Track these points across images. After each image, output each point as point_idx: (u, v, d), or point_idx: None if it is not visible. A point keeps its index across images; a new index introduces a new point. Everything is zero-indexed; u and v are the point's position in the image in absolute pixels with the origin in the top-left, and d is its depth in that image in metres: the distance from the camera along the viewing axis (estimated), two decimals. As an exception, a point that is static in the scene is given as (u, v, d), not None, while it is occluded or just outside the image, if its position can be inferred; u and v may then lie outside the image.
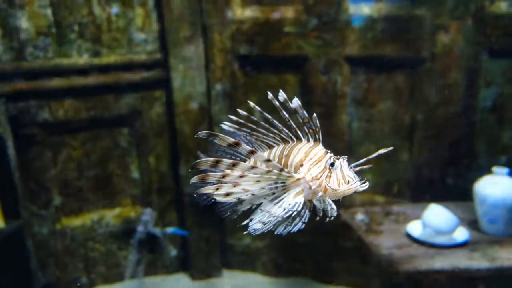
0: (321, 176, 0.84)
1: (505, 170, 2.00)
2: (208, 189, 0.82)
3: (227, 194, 0.83)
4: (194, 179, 0.82)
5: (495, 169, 2.02)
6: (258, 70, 2.72)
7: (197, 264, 2.92)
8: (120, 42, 2.58)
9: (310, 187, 0.85)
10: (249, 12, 2.62)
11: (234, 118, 0.92)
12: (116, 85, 2.63)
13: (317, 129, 0.88)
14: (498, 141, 2.59)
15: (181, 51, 2.64)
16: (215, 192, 0.83)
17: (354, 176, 0.85)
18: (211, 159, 0.82)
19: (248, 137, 0.95)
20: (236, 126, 0.92)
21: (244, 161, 0.93)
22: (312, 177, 0.85)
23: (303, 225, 0.84)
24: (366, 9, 2.47)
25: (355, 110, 2.64)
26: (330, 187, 0.84)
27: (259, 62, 2.70)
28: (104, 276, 2.83)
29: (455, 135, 2.55)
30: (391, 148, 0.89)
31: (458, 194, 2.48)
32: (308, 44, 2.56)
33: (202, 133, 0.81)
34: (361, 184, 0.84)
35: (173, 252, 2.66)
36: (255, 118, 0.92)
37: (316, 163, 0.86)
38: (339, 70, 2.57)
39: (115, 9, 2.51)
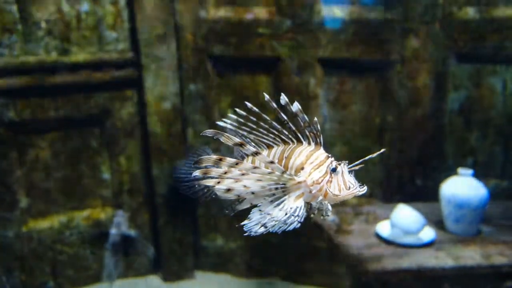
0: (322, 180, 0.85)
1: (470, 171, 2.05)
2: (209, 182, 0.82)
3: (228, 190, 0.83)
4: (197, 173, 0.82)
5: (460, 170, 2.07)
6: (232, 71, 2.72)
7: (169, 266, 2.89)
8: (90, 40, 2.52)
9: (311, 191, 0.86)
10: (222, 12, 2.61)
11: (233, 116, 0.91)
12: (86, 84, 2.57)
13: (318, 133, 0.88)
14: (465, 143, 2.67)
15: (153, 50, 2.60)
16: (216, 186, 0.83)
17: (355, 182, 0.86)
18: (215, 156, 0.82)
19: (245, 135, 0.95)
20: (235, 124, 0.91)
21: (243, 158, 0.94)
22: (313, 181, 0.85)
23: (299, 224, 0.84)
24: (338, 12, 2.50)
25: (328, 112, 2.67)
26: (332, 192, 0.85)
27: (232, 63, 2.69)
28: (73, 280, 2.76)
29: (424, 137, 2.61)
30: (383, 150, 0.89)
31: (427, 194, 2.54)
32: (282, 45, 2.57)
33: (209, 131, 0.81)
34: (360, 188, 0.85)
35: (152, 250, 2.60)
36: (253, 118, 0.91)
37: (318, 167, 0.86)
38: (312, 71, 2.59)
39: (84, 6, 2.45)
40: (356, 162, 0.90)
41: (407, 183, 2.64)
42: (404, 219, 1.99)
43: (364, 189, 0.85)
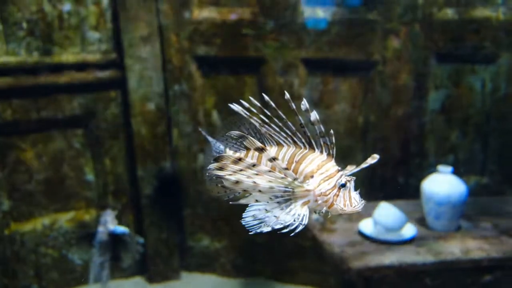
0: (329, 193, 0.87)
1: (449, 168, 2.10)
2: (221, 172, 0.85)
3: (237, 182, 0.85)
4: (212, 166, 0.84)
5: (440, 167, 2.12)
6: (216, 71, 2.72)
7: (155, 267, 2.88)
8: (73, 40, 2.50)
9: (317, 200, 0.88)
10: (206, 13, 2.61)
11: (246, 104, 0.91)
12: (69, 85, 2.55)
13: (332, 145, 0.89)
14: (446, 141, 2.72)
15: (137, 51, 2.59)
16: (226, 176, 0.84)
17: (359, 199, 0.88)
18: (234, 156, 0.84)
19: (253, 128, 0.97)
20: (247, 113, 0.91)
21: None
22: (321, 193, 0.87)
23: (303, 227, 0.86)
24: (321, 13, 2.52)
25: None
26: (338, 206, 0.87)
27: (217, 63, 2.70)
28: (57, 283, 2.73)
29: (406, 136, 2.65)
30: (378, 157, 0.90)
31: (410, 192, 2.59)
32: (265, 46, 2.58)
33: (234, 133, 0.85)
34: (362, 205, 0.89)
35: (141, 240, 2.57)
36: (268, 113, 0.91)
37: (327, 179, 0.88)
38: (295, 72, 2.61)
39: (66, 6, 2.44)
40: (355, 170, 0.93)
41: (389, 181, 2.68)
42: (386, 217, 2.03)
43: (364, 203, 0.89)
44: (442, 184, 2.07)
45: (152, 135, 2.72)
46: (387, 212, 2.04)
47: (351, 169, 0.95)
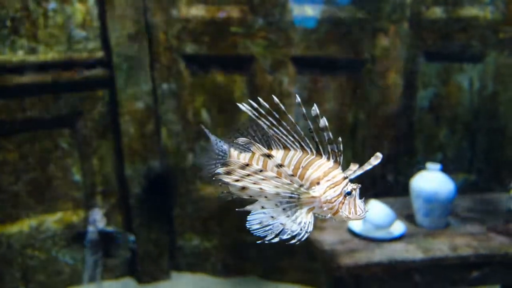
0: (335, 200, 0.87)
1: (438, 166, 2.11)
2: (227, 178, 0.85)
3: (243, 188, 0.85)
4: (220, 170, 0.85)
5: (428, 165, 2.13)
6: (205, 70, 2.71)
7: (144, 268, 2.85)
8: (59, 39, 2.46)
9: (322, 207, 0.88)
10: (195, 11, 2.59)
11: (254, 104, 0.89)
12: (55, 84, 2.51)
13: (339, 153, 0.89)
14: (435, 139, 2.74)
15: (125, 49, 2.57)
16: (232, 182, 0.85)
17: (364, 208, 0.89)
18: (241, 161, 0.85)
19: (259, 131, 0.97)
20: (255, 113, 0.90)
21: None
22: (327, 200, 0.87)
23: (307, 235, 0.87)
24: (309, 11, 2.52)
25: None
26: (343, 214, 0.88)
27: (206, 62, 2.68)
28: (44, 285, 2.69)
29: (395, 134, 2.67)
30: (381, 156, 0.90)
31: (399, 189, 2.60)
32: (255, 44, 2.57)
33: (241, 139, 0.86)
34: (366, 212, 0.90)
35: (132, 237, 2.55)
36: (277, 115, 0.90)
37: (333, 187, 0.88)
38: (285, 70, 2.61)
39: (52, 4, 2.39)
40: (358, 173, 0.92)
41: (379, 179, 2.69)
42: (375, 214, 2.03)
43: (368, 211, 0.90)
44: (431, 182, 2.08)
45: (140, 134, 2.70)
46: (376, 210, 2.04)
47: (354, 169, 0.95)
